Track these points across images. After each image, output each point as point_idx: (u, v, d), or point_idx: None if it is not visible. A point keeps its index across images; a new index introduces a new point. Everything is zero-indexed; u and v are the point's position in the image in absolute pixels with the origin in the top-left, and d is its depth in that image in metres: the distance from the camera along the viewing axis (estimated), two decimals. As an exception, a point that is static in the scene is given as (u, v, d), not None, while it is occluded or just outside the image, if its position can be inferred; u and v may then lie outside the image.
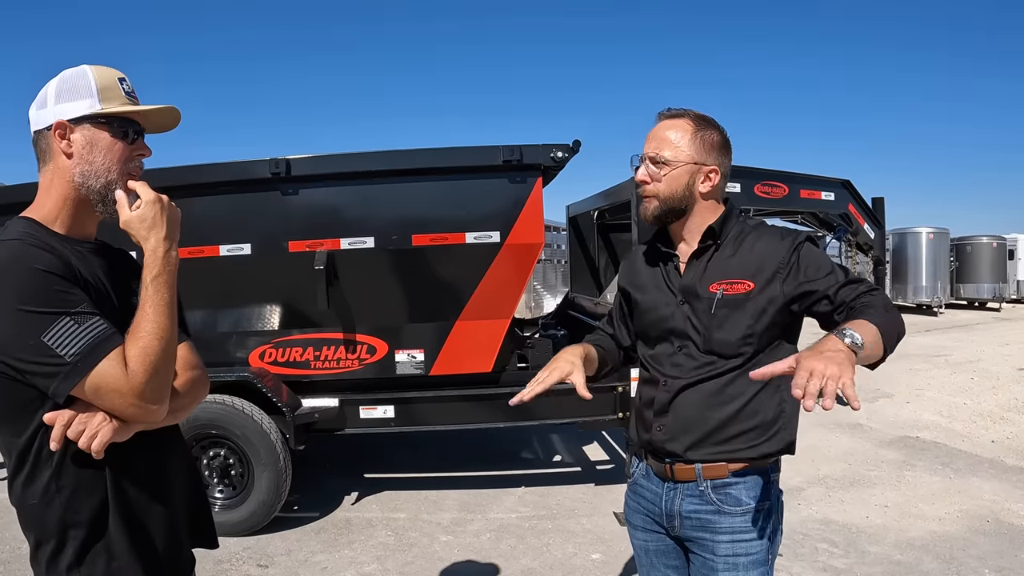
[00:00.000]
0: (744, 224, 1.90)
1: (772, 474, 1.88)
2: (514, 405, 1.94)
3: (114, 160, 1.46)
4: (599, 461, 6.08)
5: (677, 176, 1.83)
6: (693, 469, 1.86)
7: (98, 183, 1.45)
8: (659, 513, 1.95)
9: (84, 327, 1.30)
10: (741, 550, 1.83)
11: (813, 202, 5.68)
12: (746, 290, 1.80)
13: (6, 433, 1.39)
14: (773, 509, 1.87)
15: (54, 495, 1.37)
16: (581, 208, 6.86)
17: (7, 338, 1.29)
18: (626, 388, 4.59)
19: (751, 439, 1.82)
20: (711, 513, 1.85)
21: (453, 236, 4.37)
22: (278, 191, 4.42)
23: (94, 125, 1.45)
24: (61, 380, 1.29)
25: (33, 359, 1.28)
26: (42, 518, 1.39)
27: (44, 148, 1.46)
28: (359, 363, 4.63)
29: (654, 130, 1.89)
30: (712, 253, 1.87)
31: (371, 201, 4.43)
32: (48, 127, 1.44)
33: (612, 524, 4.60)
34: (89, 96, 1.44)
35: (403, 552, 4.26)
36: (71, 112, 1.44)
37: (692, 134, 1.84)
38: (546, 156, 4.32)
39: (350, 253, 4.38)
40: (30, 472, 1.38)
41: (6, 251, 1.33)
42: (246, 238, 4.42)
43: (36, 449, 1.36)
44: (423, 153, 4.39)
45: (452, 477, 5.60)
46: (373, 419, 4.65)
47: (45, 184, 1.47)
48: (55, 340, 1.28)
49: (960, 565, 3.95)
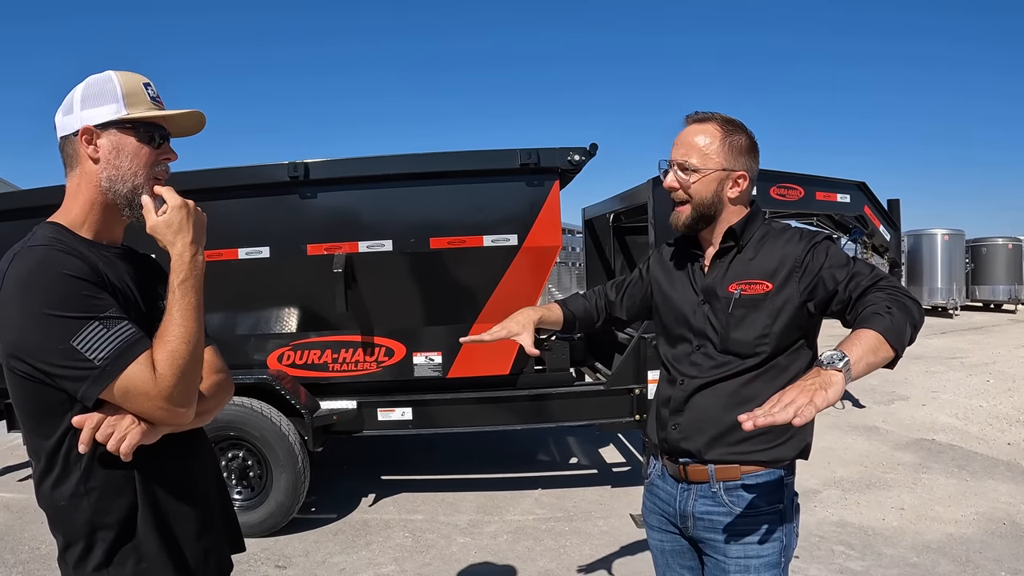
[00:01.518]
0: (769, 226, 1.91)
1: (787, 477, 1.88)
2: (462, 343, 2.17)
3: (140, 164, 1.47)
4: (615, 463, 6.09)
5: (707, 183, 1.84)
6: (706, 470, 1.86)
7: (125, 187, 1.46)
8: (673, 514, 1.96)
9: (113, 331, 1.32)
10: (752, 552, 1.83)
11: (829, 204, 5.68)
12: (764, 291, 1.81)
13: (35, 435, 1.41)
14: (787, 512, 1.87)
15: (83, 496, 1.39)
16: (597, 211, 6.87)
17: (36, 343, 1.31)
18: (643, 390, 4.60)
19: (765, 442, 1.82)
20: (723, 515, 1.85)
21: (471, 239, 4.40)
22: (296, 194, 4.46)
23: (120, 130, 1.46)
24: (90, 384, 1.31)
25: (62, 363, 1.30)
26: (71, 519, 1.40)
27: (71, 153, 1.47)
28: (377, 365, 4.67)
29: (682, 135, 1.89)
30: (734, 255, 1.88)
31: (389, 204, 4.46)
32: (75, 133, 1.45)
33: (629, 526, 4.61)
34: (115, 101, 1.45)
35: (420, 553, 4.28)
36: (97, 117, 1.45)
37: (721, 139, 1.84)
38: (563, 159, 4.34)
39: (368, 256, 4.42)
40: (59, 474, 1.39)
41: (35, 256, 1.35)
42: (265, 241, 4.46)
43: (65, 451, 1.38)
44: (441, 156, 4.42)
45: (469, 479, 5.63)
46: (391, 421, 4.68)
47: (72, 189, 1.49)
48: (84, 344, 1.29)
49: (976, 568, 3.94)
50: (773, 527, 1.83)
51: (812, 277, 1.77)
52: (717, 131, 1.84)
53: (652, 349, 4.54)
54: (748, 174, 1.87)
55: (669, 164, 1.90)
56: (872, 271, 1.71)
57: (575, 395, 4.80)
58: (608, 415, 4.74)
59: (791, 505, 1.89)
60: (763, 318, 1.81)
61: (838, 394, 1.40)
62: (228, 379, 1.62)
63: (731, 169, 1.84)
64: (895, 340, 1.52)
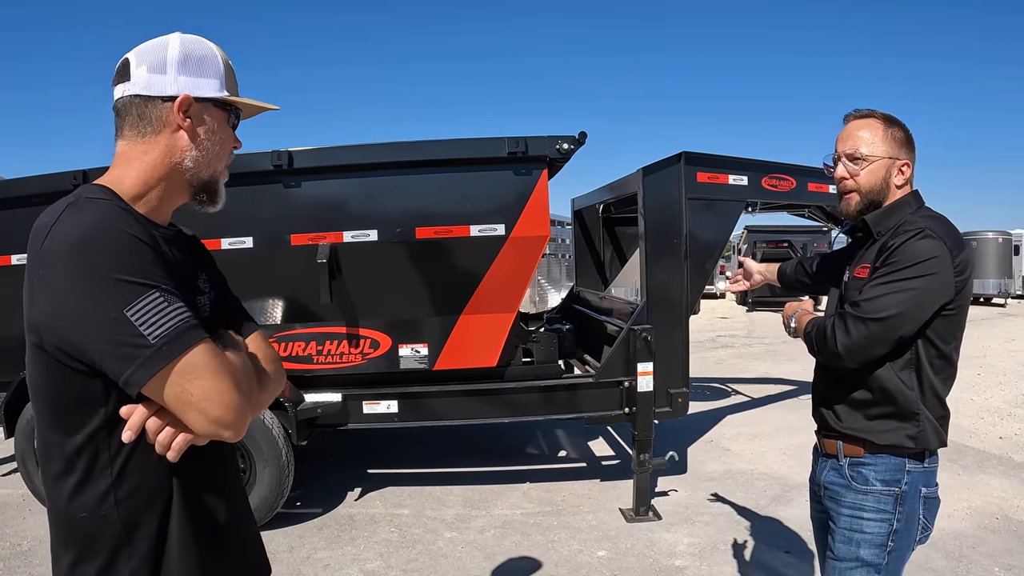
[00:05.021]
0: (914, 217, 1.96)
1: (912, 464, 1.99)
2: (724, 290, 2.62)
3: (225, 149, 1.36)
4: (604, 456, 6.03)
5: (875, 170, 1.99)
6: (836, 444, 2.08)
7: (207, 172, 1.33)
8: (815, 482, 2.22)
9: (174, 307, 1.13)
10: (858, 527, 2.00)
11: (821, 196, 5.59)
12: (865, 274, 1.97)
13: (55, 429, 1.20)
14: (906, 499, 1.98)
15: (112, 507, 1.19)
16: (586, 202, 6.80)
17: (80, 310, 1.10)
18: (633, 383, 4.53)
19: (885, 426, 1.97)
20: (842, 487, 2.05)
21: (458, 229, 4.32)
22: (280, 183, 4.36)
23: (218, 108, 1.33)
24: (139, 366, 1.10)
25: (109, 337, 1.09)
26: (93, 533, 1.20)
27: (149, 118, 1.27)
28: (362, 357, 4.59)
29: (846, 130, 2.04)
30: (870, 243, 2.04)
31: (374, 194, 4.36)
32: (170, 97, 1.27)
33: (618, 521, 4.55)
34: (217, 77, 1.31)
35: (407, 549, 4.21)
36: (201, 89, 1.29)
37: (883, 131, 1.99)
38: (552, 148, 4.25)
39: (353, 246, 4.33)
40: (81, 479, 1.19)
41: (95, 210, 1.15)
42: (248, 231, 4.36)
43: (91, 454, 1.18)
44: (427, 145, 4.33)
45: (456, 473, 5.56)
46: (376, 414, 4.60)
47: (133, 155, 1.28)
48: (140, 316, 1.10)
49: (970, 563, 3.90)
50: (885, 507, 1.97)
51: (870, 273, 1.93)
52: (878, 124, 1.99)
53: (642, 341, 4.48)
54: (910, 163, 2.01)
55: (836, 157, 2.05)
56: (872, 303, 1.87)
57: (564, 388, 4.72)
58: (597, 408, 4.67)
59: (914, 493, 1.99)
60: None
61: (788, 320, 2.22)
62: (280, 369, 1.46)
63: (895, 157, 1.99)
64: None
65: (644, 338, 4.48)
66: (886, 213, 2.00)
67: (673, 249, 4.68)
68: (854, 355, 1.89)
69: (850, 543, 2.01)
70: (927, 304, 1.84)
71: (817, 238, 18.01)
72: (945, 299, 1.85)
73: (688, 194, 4.64)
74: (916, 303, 1.83)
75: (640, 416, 4.55)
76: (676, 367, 4.74)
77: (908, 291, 1.82)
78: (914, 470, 1.99)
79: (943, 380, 1.97)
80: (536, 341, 5.02)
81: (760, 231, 18.60)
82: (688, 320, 4.80)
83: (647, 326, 4.53)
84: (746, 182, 4.92)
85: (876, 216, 2.01)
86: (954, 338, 1.95)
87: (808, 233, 17.78)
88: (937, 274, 1.82)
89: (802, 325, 2.12)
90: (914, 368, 1.93)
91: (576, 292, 6.94)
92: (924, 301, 1.84)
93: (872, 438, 1.98)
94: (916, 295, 1.82)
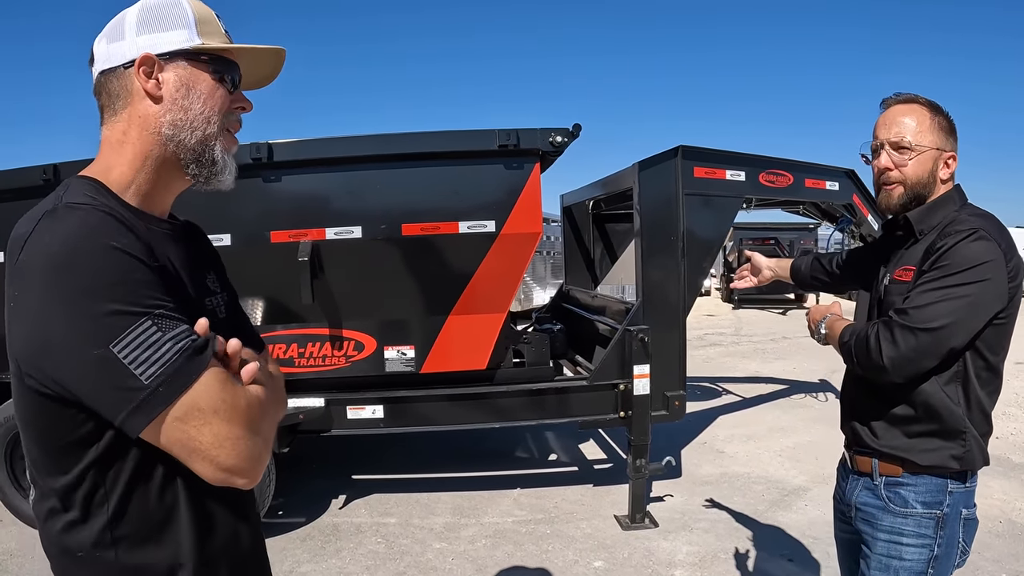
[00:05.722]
0: (962, 215, 1.79)
1: (954, 485, 1.82)
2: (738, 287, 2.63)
3: (215, 109, 1.16)
4: (596, 460, 5.86)
5: (922, 161, 1.81)
6: (871, 462, 1.91)
7: (193, 137, 1.14)
8: (843, 501, 2.05)
9: (169, 336, 0.97)
10: (896, 553, 1.84)
11: (818, 192, 5.47)
12: (908, 278, 1.80)
13: (45, 467, 1.08)
14: (948, 522, 1.82)
15: (109, 547, 1.07)
16: (576, 198, 6.63)
17: (60, 345, 0.95)
18: (628, 386, 4.36)
19: (928, 445, 1.81)
20: (878, 509, 1.89)
21: (446, 225, 4.12)
22: (259, 178, 4.13)
23: (192, 63, 1.14)
24: (132, 412, 0.96)
25: (96, 377, 0.95)
26: (90, 574, 1.09)
27: (116, 92, 1.13)
28: (346, 360, 4.38)
29: (889, 114, 1.86)
30: (911, 242, 1.87)
31: (359, 188, 4.15)
32: (127, 64, 1.11)
33: (614, 528, 4.39)
34: (185, 27, 1.13)
35: (394, 561, 4.02)
36: (163, 44, 1.12)
37: (930, 119, 1.81)
38: (544, 141, 4.07)
39: (336, 244, 4.12)
40: (77, 518, 1.07)
41: (74, 220, 0.99)
42: (225, 228, 4.14)
43: (87, 492, 1.05)
44: (414, 137, 4.13)
45: (444, 478, 5.36)
46: (361, 419, 4.39)
47: (114, 138, 1.14)
48: (130, 352, 0.94)
49: (976, 569, 3.77)
50: (925, 532, 1.82)
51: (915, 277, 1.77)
52: (924, 111, 1.82)
53: (638, 342, 4.31)
54: (956, 155, 1.86)
55: (879, 144, 1.86)
56: (921, 311, 1.69)
57: (556, 391, 4.55)
58: (591, 412, 4.50)
59: (955, 515, 1.83)
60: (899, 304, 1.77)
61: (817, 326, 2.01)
62: (283, 392, 1.30)
63: (942, 148, 1.82)
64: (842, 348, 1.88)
65: (641, 339, 4.31)
66: (930, 210, 1.83)
67: (670, 247, 4.51)
68: (901, 368, 1.71)
69: (887, 571, 1.86)
70: (981, 313, 1.68)
71: (803, 235, 17.96)
72: (999, 307, 1.69)
73: (685, 190, 4.48)
74: (970, 312, 1.67)
75: (636, 420, 4.38)
76: (673, 369, 4.58)
77: (961, 298, 1.65)
78: (956, 491, 1.83)
79: (989, 394, 1.80)
80: (527, 342, 4.84)
81: (745, 228, 18.52)
82: (685, 320, 4.64)
83: (644, 327, 4.36)
84: (743, 177, 4.77)
85: (919, 213, 1.84)
86: (1003, 348, 1.79)
87: (794, 230, 17.73)
88: (991, 280, 1.65)
89: (836, 332, 1.90)
90: (960, 382, 1.77)
91: (566, 291, 6.77)
92: (978, 309, 1.67)
93: (913, 458, 1.82)
94: (970, 303, 1.66)
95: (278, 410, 1.19)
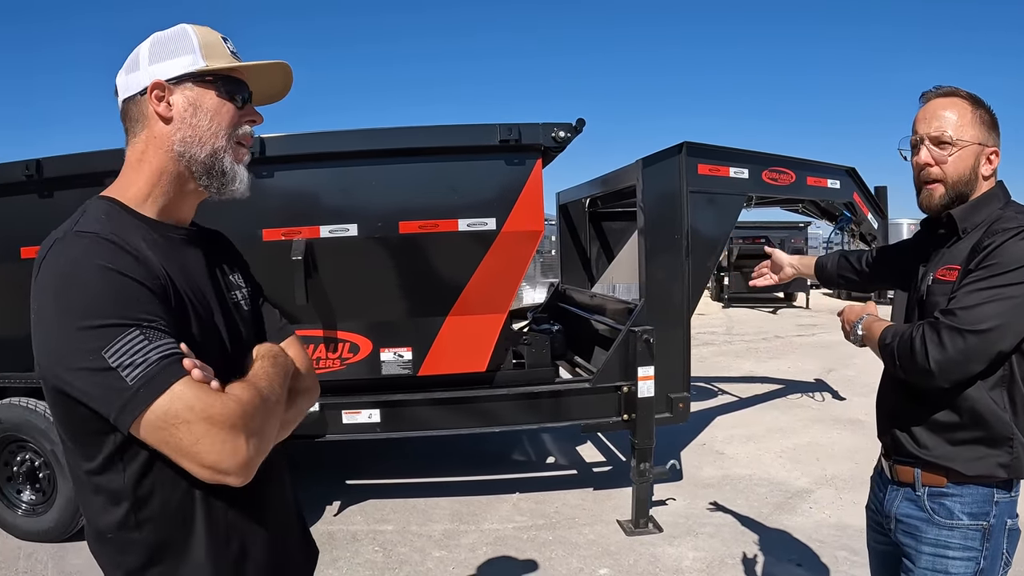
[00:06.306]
0: (1008, 212, 1.70)
1: (1000, 494, 1.75)
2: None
3: (222, 124, 1.30)
4: (596, 463, 5.75)
5: (964, 157, 1.74)
6: (912, 472, 1.82)
7: (203, 152, 1.28)
8: (881, 512, 1.96)
9: (155, 344, 1.09)
10: (942, 567, 1.76)
11: (819, 190, 5.40)
12: (953, 277, 1.70)
13: (75, 455, 1.21)
14: (993, 533, 1.74)
15: (134, 529, 1.19)
16: (572, 196, 6.52)
17: (64, 352, 1.09)
18: (632, 388, 4.25)
19: (974, 453, 1.72)
20: (922, 521, 1.80)
21: (444, 223, 3.98)
22: (251, 173, 3.98)
23: (198, 84, 1.28)
24: (120, 411, 1.08)
25: (91, 380, 1.08)
26: (120, 553, 1.21)
27: (135, 117, 1.28)
28: (341, 363, 4.24)
29: (929, 108, 1.78)
30: (954, 240, 1.79)
31: (354, 185, 4.01)
32: (142, 91, 1.26)
33: (617, 534, 4.27)
34: (190, 52, 1.27)
35: (393, 571, 3.88)
36: (171, 70, 1.26)
37: (971, 113, 1.74)
38: (547, 136, 3.94)
39: (331, 242, 3.97)
40: (105, 502, 1.19)
41: (78, 247, 1.13)
42: (215, 226, 3.95)
43: (109, 479, 1.18)
44: (412, 132, 3.99)
45: (442, 483, 5.22)
46: (357, 424, 4.25)
47: (135, 158, 1.29)
48: (118, 357, 1.07)
49: (989, 574, 3.68)
50: (972, 544, 1.74)
51: (960, 276, 1.68)
52: (965, 105, 1.75)
53: (643, 343, 4.20)
54: (998, 150, 1.78)
55: (918, 139, 1.78)
56: (970, 312, 1.61)
57: (557, 394, 4.42)
58: (594, 415, 4.38)
59: (1000, 526, 1.75)
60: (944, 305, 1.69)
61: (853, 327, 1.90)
62: (314, 379, 1.49)
63: (984, 144, 1.75)
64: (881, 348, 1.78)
65: (645, 340, 4.20)
66: (974, 207, 1.75)
67: (674, 245, 4.40)
68: (948, 372, 1.62)
69: None
70: None
71: (794, 234, 17.93)
72: None
73: (689, 187, 4.38)
74: (1018, 313, 1.58)
75: (640, 423, 4.26)
76: (677, 370, 4.48)
77: (1010, 299, 1.58)
78: (1002, 500, 1.76)
79: None
80: (527, 343, 4.71)
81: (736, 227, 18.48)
82: (690, 320, 4.54)
83: (648, 327, 4.25)
84: (747, 175, 4.68)
85: (963, 211, 1.75)
86: None
87: (785, 229, 17.68)
88: None
89: (874, 334, 1.81)
90: (1006, 386, 1.68)
91: (562, 290, 6.65)
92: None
93: (959, 467, 1.73)
94: (1019, 304, 1.58)
95: (296, 397, 1.38)
